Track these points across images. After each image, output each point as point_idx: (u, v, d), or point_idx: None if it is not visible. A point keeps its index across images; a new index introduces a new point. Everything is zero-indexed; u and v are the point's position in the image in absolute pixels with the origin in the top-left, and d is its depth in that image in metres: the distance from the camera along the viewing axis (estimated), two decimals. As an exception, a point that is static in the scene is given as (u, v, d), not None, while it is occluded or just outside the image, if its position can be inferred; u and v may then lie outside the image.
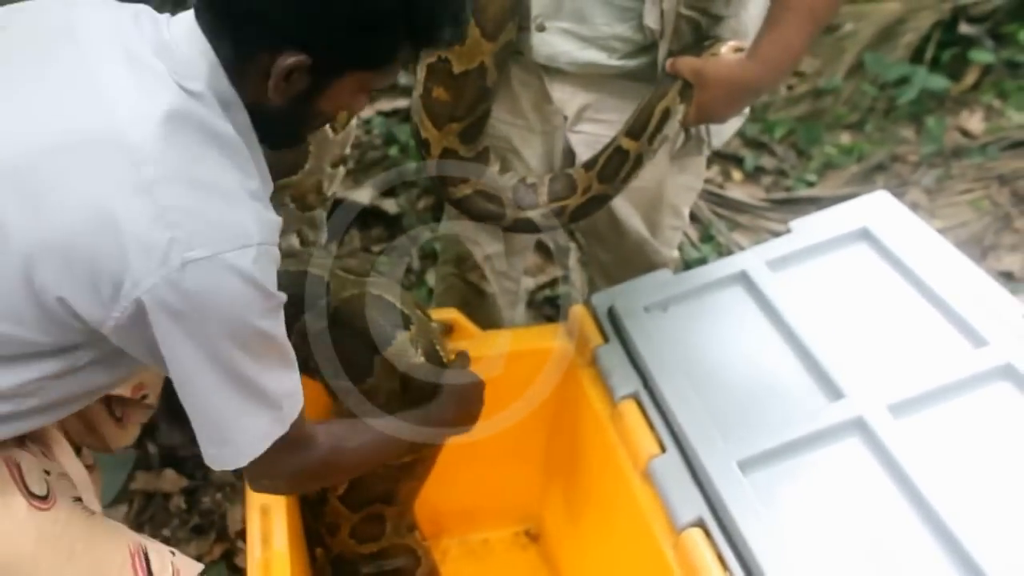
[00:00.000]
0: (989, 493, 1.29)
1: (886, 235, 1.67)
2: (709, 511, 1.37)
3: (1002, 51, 3.78)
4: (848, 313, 1.59)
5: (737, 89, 1.54)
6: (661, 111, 1.57)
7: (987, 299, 1.53)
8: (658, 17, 1.50)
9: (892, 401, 1.41)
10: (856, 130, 3.64)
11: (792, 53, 1.49)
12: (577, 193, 1.68)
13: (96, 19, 1.13)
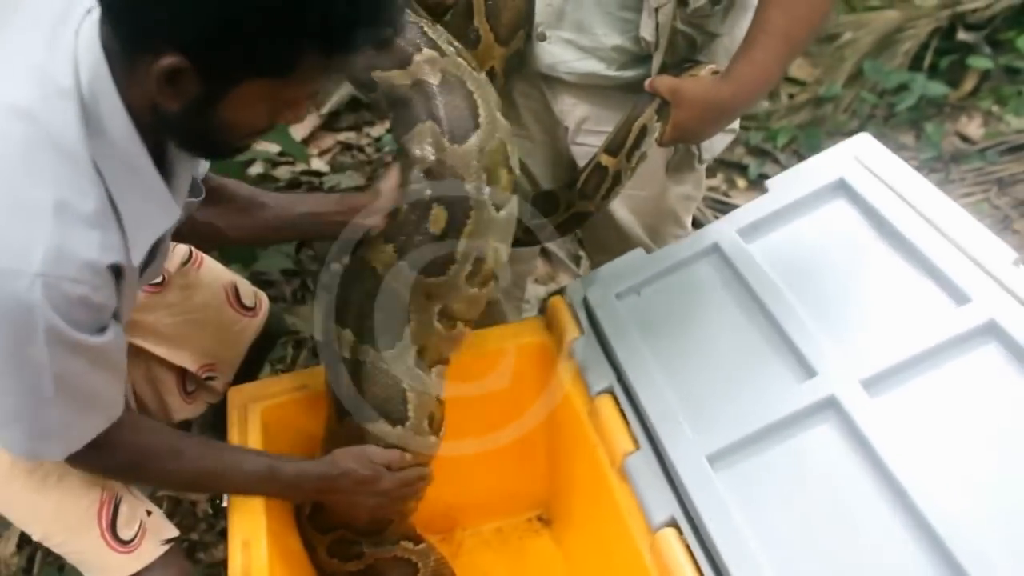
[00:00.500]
0: (970, 472, 1.20)
1: (864, 186, 1.55)
2: (681, 510, 1.32)
3: (1000, 57, 3.73)
4: (823, 279, 1.50)
5: (712, 109, 1.50)
6: (638, 128, 1.55)
7: (972, 246, 1.40)
8: (653, 30, 1.51)
9: (866, 375, 1.31)
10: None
11: (767, 75, 1.46)
12: (559, 210, 1.67)
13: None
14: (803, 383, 1.36)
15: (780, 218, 1.60)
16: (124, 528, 1.40)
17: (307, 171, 3.38)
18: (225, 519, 2.06)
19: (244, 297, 1.77)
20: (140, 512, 1.43)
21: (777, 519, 1.26)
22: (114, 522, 1.40)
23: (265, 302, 1.83)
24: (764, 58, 1.44)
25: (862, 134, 1.67)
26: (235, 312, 1.76)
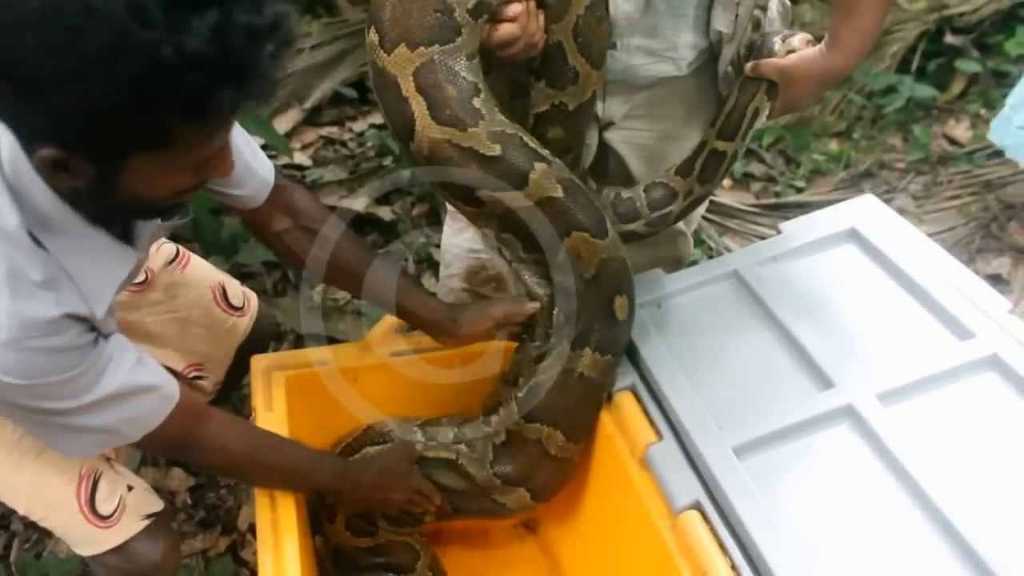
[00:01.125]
0: (975, 475, 1.36)
1: (873, 235, 1.75)
2: (706, 494, 1.43)
3: (987, 61, 3.88)
4: (837, 309, 1.66)
5: (823, 80, 1.63)
6: (752, 111, 1.67)
7: (972, 295, 1.60)
8: (731, 20, 1.59)
9: (881, 390, 1.48)
10: (844, 138, 3.74)
11: (870, 37, 1.57)
12: (679, 199, 1.76)
13: None
14: (822, 392, 1.52)
15: (796, 254, 1.78)
16: (103, 503, 1.46)
17: (289, 165, 3.42)
18: (205, 511, 2.15)
19: (232, 297, 1.82)
20: (120, 487, 1.48)
21: (799, 506, 1.39)
22: (92, 497, 1.45)
23: (254, 302, 1.88)
24: (865, 22, 1.55)
25: (867, 195, 1.88)
26: (222, 312, 1.81)
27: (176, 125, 0.99)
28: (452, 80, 1.45)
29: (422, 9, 1.44)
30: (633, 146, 1.78)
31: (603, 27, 1.57)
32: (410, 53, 1.44)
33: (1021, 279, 3.07)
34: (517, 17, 1.47)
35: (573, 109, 1.61)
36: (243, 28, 0.95)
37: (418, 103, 1.45)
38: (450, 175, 1.49)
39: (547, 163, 1.51)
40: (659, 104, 1.74)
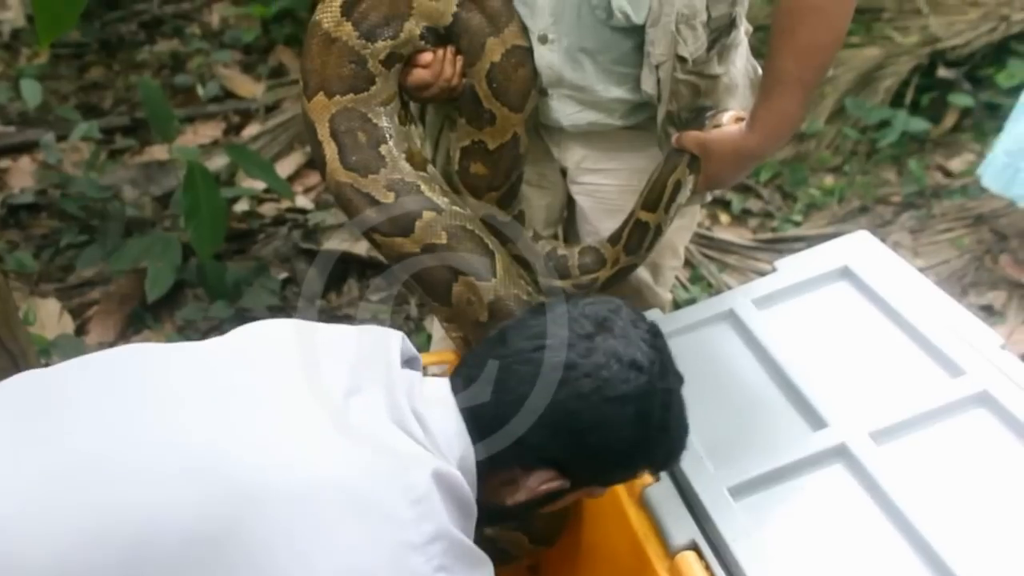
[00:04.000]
0: (967, 513, 1.38)
1: (866, 273, 1.77)
2: (702, 535, 1.44)
3: (980, 94, 3.94)
4: (831, 347, 1.68)
5: (742, 159, 1.65)
6: (673, 184, 1.68)
7: (964, 331, 1.62)
8: (655, 84, 1.60)
9: (873, 429, 1.49)
10: (839, 172, 3.79)
11: (789, 120, 1.59)
12: (607, 266, 1.79)
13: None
14: (816, 432, 1.53)
15: (791, 292, 1.80)
16: None
17: (292, 208, 3.48)
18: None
19: None
20: None
21: (794, 546, 1.40)
22: None
23: None
24: (784, 105, 1.57)
25: (861, 232, 1.89)
26: None
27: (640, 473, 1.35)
28: (363, 127, 1.58)
29: (338, 60, 1.57)
30: (595, 198, 1.82)
31: (521, 73, 1.63)
32: (327, 101, 1.58)
33: (1015, 311, 3.10)
34: (429, 65, 1.60)
35: (493, 148, 1.68)
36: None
37: (330, 147, 1.59)
38: (351, 217, 1.61)
39: (437, 212, 1.58)
40: (615, 156, 1.76)
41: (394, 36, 1.58)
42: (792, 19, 1.50)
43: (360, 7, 1.56)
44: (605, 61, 1.62)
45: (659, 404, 1.20)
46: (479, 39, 1.59)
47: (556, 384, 1.14)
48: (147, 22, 4.90)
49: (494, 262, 1.60)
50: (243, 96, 4.27)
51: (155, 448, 1.03)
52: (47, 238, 3.48)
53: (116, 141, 4.02)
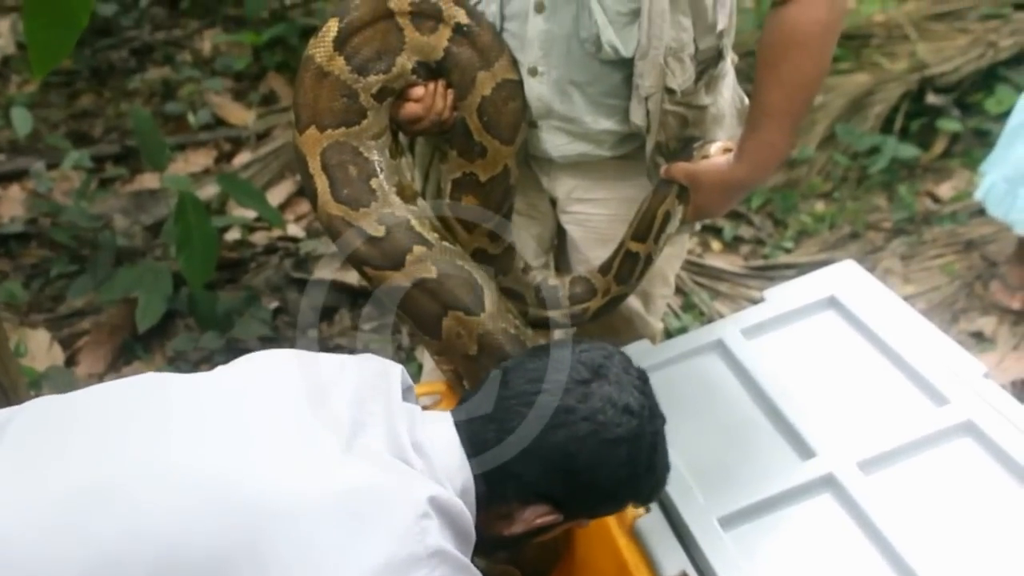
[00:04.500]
0: (953, 541, 1.41)
1: (853, 302, 1.81)
2: (692, 565, 1.47)
3: (969, 120, 4.00)
4: (819, 376, 1.72)
5: (730, 190, 1.70)
6: (662, 214, 1.73)
7: (948, 360, 1.66)
8: (644, 115, 1.64)
9: (861, 458, 1.53)
10: (830, 199, 3.83)
11: (776, 152, 1.64)
12: (598, 296, 1.82)
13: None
14: (805, 462, 1.58)
15: (779, 322, 1.85)
16: None
17: (283, 237, 3.51)
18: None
19: None
20: None
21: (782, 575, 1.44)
22: None
23: None
24: (771, 137, 1.62)
25: (848, 261, 1.94)
26: None
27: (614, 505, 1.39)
28: (354, 161, 1.63)
29: (330, 94, 1.61)
30: (586, 228, 1.85)
31: (512, 106, 1.66)
32: (319, 134, 1.62)
33: (1005, 338, 3.14)
34: (421, 99, 1.63)
35: (484, 181, 1.71)
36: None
37: (321, 180, 1.62)
38: (342, 250, 1.64)
39: (427, 247, 1.62)
40: (605, 186, 1.80)
41: (386, 70, 1.62)
42: (777, 54, 1.56)
43: (352, 42, 1.60)
44: (594, 93, 1.67)
45: (648, 445, 1.30)
46: (470, 73, 1.63)
47: (554, 426, 1.23)
48: (138, 49, 4.94)
49: (483, 297, 1.63)
50: (234, 124, 4.30)
51: (172, 475, 1.10)
52: (37, 268, 3.50)
53: (107, 169, 4.05)
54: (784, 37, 1.54)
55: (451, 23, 1.61)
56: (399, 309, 1.67)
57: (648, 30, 1.55)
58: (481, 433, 1.25)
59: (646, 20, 1.55)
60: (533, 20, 1.61)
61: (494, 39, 1.63)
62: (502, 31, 1.65)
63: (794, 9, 1.52)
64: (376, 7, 1.60)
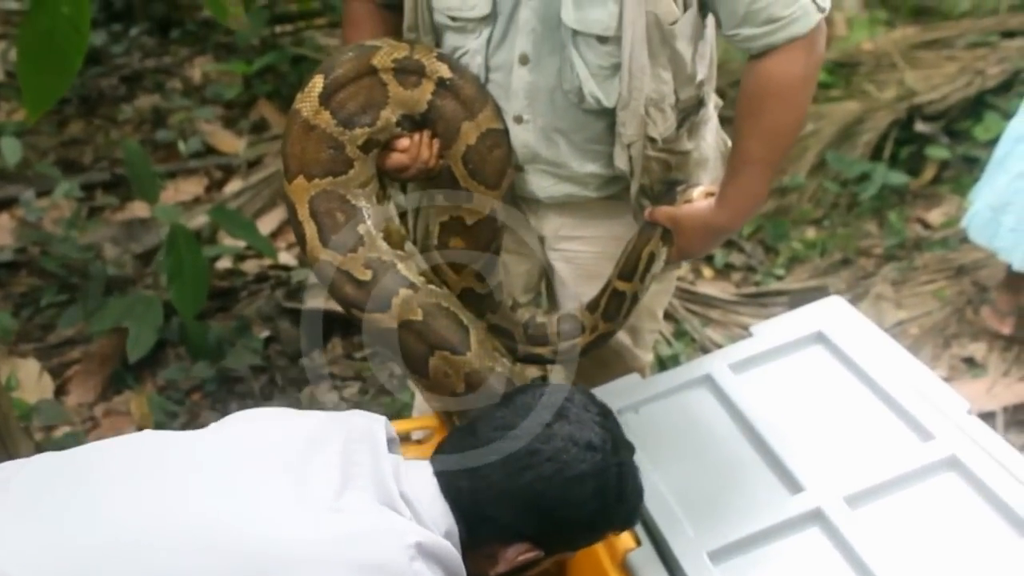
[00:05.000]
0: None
1: (839, 338, 1.86)
2: (682, 600, 1.51)
3: (957, 147, 4.07)
4: (806, 411, 1.76)
5: (711, 233, 1.76)
6: (648, 255, 1.78)
7: (933, 396, 1.71)
8: (627, 160, 1.70)
9: (848, 493, 1.57)
10: (820, 225, 3.89)
11: (756, 198, 1.70)
12: (586, 332, 1.86)
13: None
14: (793, 496, 1.61)
15: (767, 357, 1.89)
16: None
17: (275, 265, 3.54)
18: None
19: None
20: None
21: None
22: None
23: None
24: (751, 183, 1.68)
25: (834, 297, 1.99)
26: None
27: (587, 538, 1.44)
28: (342, 208, 1.68)
29: (317, 146, 1.66)
30: (573, 264, 1.90)
31: (497, 154, 1.71)
32: (307, 183, 1.67)
33: (995, 363, 3.18)
34: (407, 149, 1.69)
35: (472, 224, 1.76)
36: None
37: (310, 226, 1.68)
38: (331, 294, 1.70)
39: (413, 289, 1.67)
40: (592, 225, 1.85)
41: (371, 124, 1.67)
42: (756, 104, 1.62)
43: (338, 96, 1.65)
44: (578, 140, 1.72)
45: (614, 477, 1.36)
46: (454, 124, 1.68)
47: (521, 469, 1.31)
48: (128, 77, 4.99)
49: (468, 336, 1.69)
50: (225, 151, 4.35)
51: (176, 526, 1.17)
52: (26, 296, 3.51)
53: (97, 198, 4.08)
54: (763, 89, 1.60)
55: (434, 77, 1.66)
56: (387, 349, 1.71)
57: (628, 83, 1.61)
58: (455, 481, 1.33)
59: (627, 73, 1.60)
60: (518, 72, 1.66)
61: (477, 90, 1.68)
62: (487, 82, 1.70)
63: (773, 62, 1.58)
64: (360, 64, 1.65)
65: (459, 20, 1.66)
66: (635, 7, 1.55)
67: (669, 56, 1.62)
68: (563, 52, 1.62)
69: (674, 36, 1.60)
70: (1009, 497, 1.53)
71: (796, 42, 1.56)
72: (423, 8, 1.68)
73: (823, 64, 4.44)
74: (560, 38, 1.61)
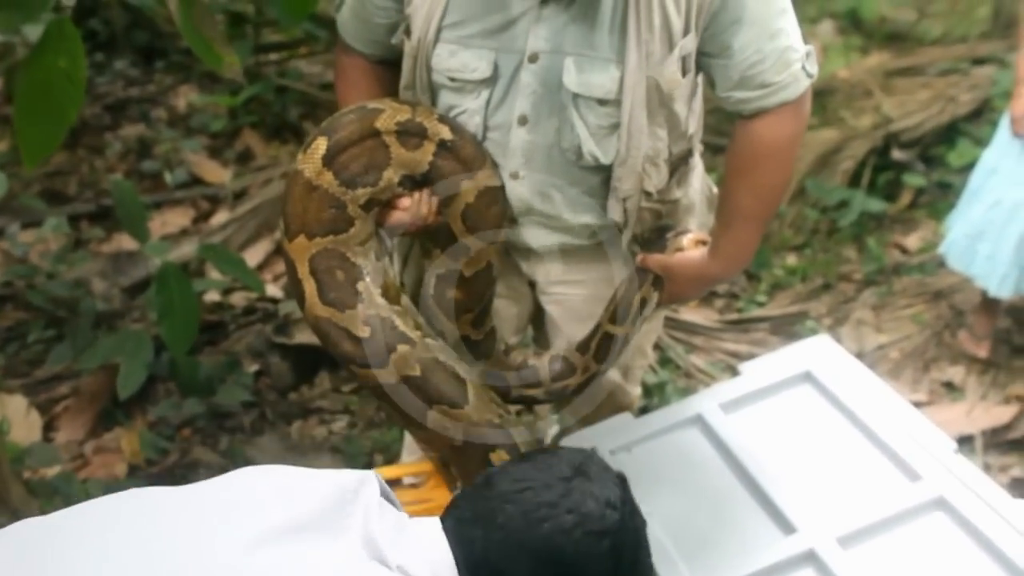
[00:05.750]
0: None
1: (827, 377, 1.91)
2: (680, 643, 1.54)
3: (932, 173, 4.15)
4: (796, 451, 1.80)
5: (704, 282, 1.83)
6: (639, 301, 1.82)
7: (919, 434, 1.76)
8: (622, 212, 1.74)
9: (840, 534, 1.61)
10: (801, 252, 3.94)
11: (748, 249, 1.76)
12: (577, 373, 1.89)
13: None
14: (787, 537, 1.65)
15: (755, 397, 1.93)
16: None
17: (263, 298, 3.54)
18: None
19: None
20: None
21: None
22: None
23: None
24: (744, 236, 1.74)
25: (822, 335, 2.05)
26: None
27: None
28: (342, 266, 1.70)
29: (319, 206, 1.68)
30: (565, 307, 1.93)
31: (494, 210, 1.74)
32: (308, 242, 1.69)
33: (973, 387, 3.24)
34: (408, 208, 1.72)
35: (470, 276, 1.79)
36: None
37: (309, 284, 1.70)
38: (330, 350, 1.72)
39: (411, 344, 1.69)
40: (583, 269, 1.88)
41: (374, 184, 1.69)
42: (748, 163, 1.67)
43: (340, 158, 1.67)
44: (574, 194, 1.75)
45: (631, 540, 1.34)
46: (454, 183, 1.71)
47: (539, 520, 1.27)
48: (112, 106, 4.97)
49: (466, 390, 1.72)
50: (211, 182, 4.34)
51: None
52: (13, 331, 3.49)
53: (83, 229, 4.06)
54: (755, 149, 1.66)
55: (435, 139, 1.69)
56: (386, 404, 1.73)
57: (627, 141, 1.65)
58: (468, 533, 1.29)
59: (625, 132, 1.64)
60: (516, 131, 1.70)
61: (476, 150, 1.71)
62: (484, 140, 1.73)
63: (764, 124, 1.63)
64: (363, 127, 1.68)
65: (458, 81, 1.69)
66: (636, 72, 1.59)
67: (666, 116, 1.67)
68: (563, 113, 1.65)
69: (672, 99, 1.64)
70: (995, 536, 1.57)
71: (786, 106, 1.61)
72: (422, 68, 1.71)
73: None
74: (560, 99, 1.64)
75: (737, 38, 1.58)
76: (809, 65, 1.62)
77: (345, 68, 1.85)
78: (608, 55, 1.60)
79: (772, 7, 1.59)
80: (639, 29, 1.57)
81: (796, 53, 1.61)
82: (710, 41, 1.60)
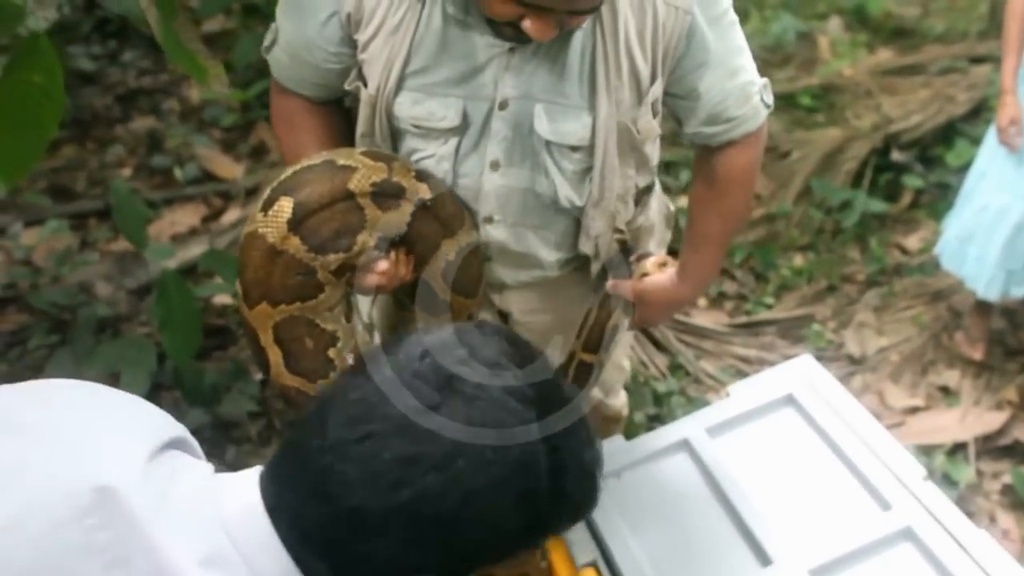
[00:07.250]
0: None
1: (807, 400, 1.98)
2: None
3: (931, 173, 4.22)
4: (776, 478, 1.88)
5: (674, 305, 1.94)
6: (611, 327, 1.90)
7: (891, 461, 1.83)
8: (593, 247, 1.81)
9: (813, 565, 1.69)
10: (807, 252, 3.98)
11: (715, 269, 1.91)
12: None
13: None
14: (763, 569, 1.73)
15: (741, 421, 2.00)
16: None
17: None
18: None
19: None
20: None
21: None
22: None
23: None
24: (710, 259, 1.86)
25: (805, 356, 2.11)
26: None
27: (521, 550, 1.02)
28: (310, 333, 1.62)
29: (284, 273, 1.56)
30: (536, 333, 1.98)
31: (475, 264, 1.75)
32: (271, 310, 1.59)
33: (968, 391, 3.28)
34: (385, 272, 1.63)
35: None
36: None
37: (274, 353, 1.62)
38: (299, 418, 1.59)
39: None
40: (554, 297, 1.95)
41: (347, 249, 1.59)
42: (717, 191, 1.79)
43: (309, 222, 1.55)
44: (547, 234, 1.82)
45: (546, 470, 0.95)
46: (433, 242, 1.67)
47: (394, 485, 0.90)
48: (122, 96, 4.95)
49: None
50: (223, 177, 4.34)
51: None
52: (15, 335, 3.48)
53: (90, 227, 4.07)
54: (724, 176, 1.77)
55: (413, 200, 1.62)
56: None
57: (600, 184, 1.72)
58: (301, 509, 0.94)
59: (598, 176, 1.71)
60: (488, 176, 1.69)
61: (456, 208, 1.69)
62: (455, 185, 1.70)
63: (730, 154, 1.75)
64: (334, 188, 1.56)
65: (423, 128, 1.65)
66: (608, 119, 1.65)
67: (636, 157, 1.74)
68: (536, 158, 1.68)
69: (643, 142, 1.72)
70: (957, 569, 1.63)
71: (749, 136, 1.73)
72: (382, 116, 1.65)
73: (809, 89, 4.53)
74: (532, 144, 1.66)
75: (703, 81, 1.66)
76: (766, 96, 1.73)
77: (285, 112, 1.77)
78: (579, 103, 1.63)
79: (731, 46, 1.67)
80: (608, 76, 1.61)
81: (754, 87, 1.71)
82: (676, 84, 1.68)
